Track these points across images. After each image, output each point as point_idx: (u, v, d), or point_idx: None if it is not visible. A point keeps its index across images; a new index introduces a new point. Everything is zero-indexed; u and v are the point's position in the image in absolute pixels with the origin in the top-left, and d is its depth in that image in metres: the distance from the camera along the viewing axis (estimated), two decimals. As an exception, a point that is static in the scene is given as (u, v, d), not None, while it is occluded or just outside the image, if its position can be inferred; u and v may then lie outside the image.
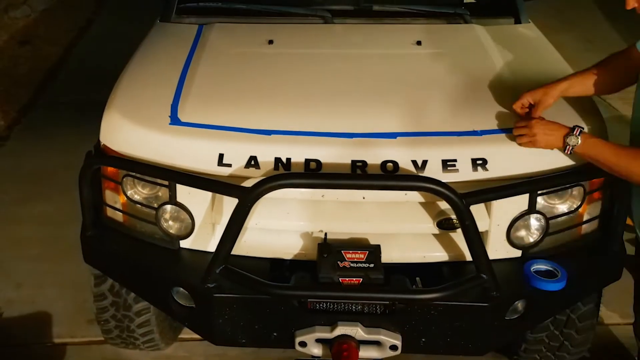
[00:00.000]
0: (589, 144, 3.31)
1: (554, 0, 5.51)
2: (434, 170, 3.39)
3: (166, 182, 3.49)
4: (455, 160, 3.42)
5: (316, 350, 3.43)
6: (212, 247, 3.49)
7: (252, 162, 3.44)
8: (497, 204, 3.42)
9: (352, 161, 3.42)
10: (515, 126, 3.48)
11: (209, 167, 3.46)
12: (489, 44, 4.52)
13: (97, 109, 3.89)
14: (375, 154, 3.41)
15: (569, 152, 3.34)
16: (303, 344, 3.41)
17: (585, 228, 3.67)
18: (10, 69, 9.03)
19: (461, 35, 4.76)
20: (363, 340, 3.35)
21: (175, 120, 3.67)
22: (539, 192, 3.43)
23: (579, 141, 3.30)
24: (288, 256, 3.58)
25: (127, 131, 3.68)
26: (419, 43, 4.49)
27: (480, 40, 4.58)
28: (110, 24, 10.53)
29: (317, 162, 3.41)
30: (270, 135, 3.52)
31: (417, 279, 3.43)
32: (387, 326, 3.38)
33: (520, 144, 3.44)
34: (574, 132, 3.31)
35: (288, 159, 3.42)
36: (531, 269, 3.40)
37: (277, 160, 3.43)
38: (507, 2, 5.05)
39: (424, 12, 4.95)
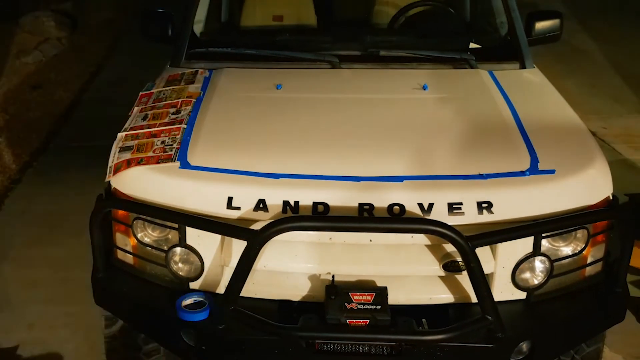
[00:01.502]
0: None
1: (559, 46, 5.53)
2: (440, 213, 3.40)
3: (176, 225, 3.52)
4: (461, 204, 3.44)
5: (324, 390, 3.43)
6: (221, 288, 3.52)
7: (261, 205, 3.46)
8: (502, 247, 3.44)
9: (360, 204, 3.44)
10: None
11: (218, 210, 3.48)
12: (494, 89, 4.54)
13: (107, 153, 3.92)
14: (382, 197, 3.44)
15: None
16: (311, 385, 3.42)
17: (590, 270, 3.69)
18: (22, 113, 9.08)
19: (467, 80, 4.78)
20: (371, 381, 3.36)
21: (184, 163, 3.70)
22: (543, 234, 3.44)
23: None
24: (296, 298, 3.60)
25: (137, 175, 3.71)
26: (425, 88, 4.51)
27: (486, 85, 4.61)
28: (120, 69, 10.59)
29: (325, 205, 3.43)
30: (278, 178, 3.55)
31: (424, 320, 3.44)
32: (394, 367, 3.38)
33: None
34: None
35: (296, 202, 3.45)
36: (182, 303, 3.47)
37: (285, 203, 3.45)
38: (512, 47, 5.09)
39: (430, 57, 4.98)
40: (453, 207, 3.43)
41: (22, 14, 12.09)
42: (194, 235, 3.50)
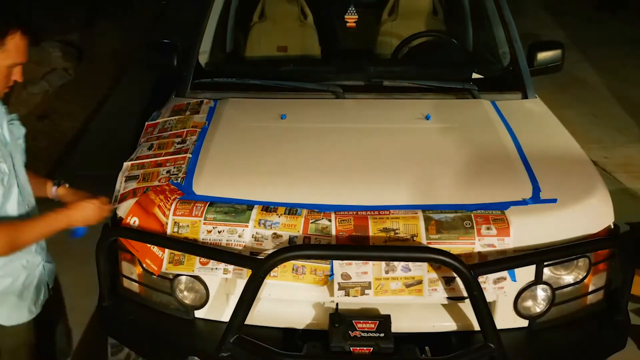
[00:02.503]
0: None
1: (560, 76, 5.55)
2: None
3: (181, 254, 3.53)
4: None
5: (328, 418, 3.44)
6: (226, 316, 3.52)
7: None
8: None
9: (362, 233, 3.46)
10: None
11: (223, 238, 3.51)
12: (496, 118, 4.57)
13: (113, 183, 3.95)
14: (385, 226, 3.45)
15: None
16: (315, 413, 3.43)
17: (591, 298, 3.70)
18: (28, 143, 8.99)
19: (469, 110, 4.80)
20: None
21: (189, 192, 3.73)
22: (545, 263, 3.46)
23: None
24: (300, 326, 3.61)
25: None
26: (428, 118, 4.54)
27: (488, 115, 4.63)
28: (126, 99, 10.60)
29: (328, 233, 3.46)
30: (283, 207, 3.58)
31: (427, 348, 3.45)
32: (398, 394, 3.40)
33: None
34: None
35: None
36: None
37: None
38: (514, 77, 5.11)
39: (433, 87, 5.00)
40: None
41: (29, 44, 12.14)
42: (199, 264, 3.52)
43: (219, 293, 3.61)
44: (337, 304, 3.51)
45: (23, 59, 3.23)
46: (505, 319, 3.56)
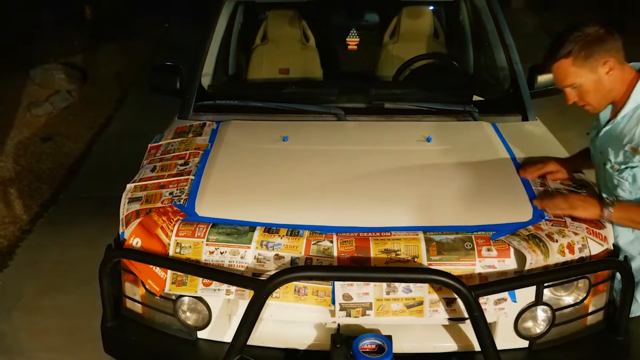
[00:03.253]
0: (622, 207, 3.57)
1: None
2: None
3: (184, 275, 3.54)
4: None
5: None
6: (228, 337, 3.53)
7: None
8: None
9: (364, 254, 3.46)
10: (546, 200, 3.76)
11: (226, 259, 3.52)
12: (496, 141, 4.58)
13: (116, 204, 3.96)
14: (386, 248, 3.46)
15: (607, 217, 3.58)
16: None
17: (591, 319, 3.70)
18: (32, 165, 9.13)
19: (470, 132, 4.82)
20: None
21: (192, 214, 3.74)
22: (545, 284, 3.46)
23: (614, 208, 3.54)
24: (302, 346, 3.62)
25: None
26: (429, 140, 4.55)
27: (489, 137, 4.65)
28: (129, 121, 10.62)
29: (330, 255, 3.47)
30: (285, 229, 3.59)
31: (428, 368, 3.46)
32: (399, 414, 3.39)
33: (557, 212, 3.66)
34: (608, 201, 3.59)
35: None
36: (358, 346, 3.39)
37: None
38: (514, 100, 5.12)
39: (434, 109, 5.02)
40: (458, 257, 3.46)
41: (32, 67, 12.19)
42: (201, 285, 3.53)
43: (221, 314, 3.62)
44: (338, 325, 3.52)
45: None
46: (506, 339, 3.56)
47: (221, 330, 3.65)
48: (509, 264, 3.44)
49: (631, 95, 3.59)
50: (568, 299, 3.61)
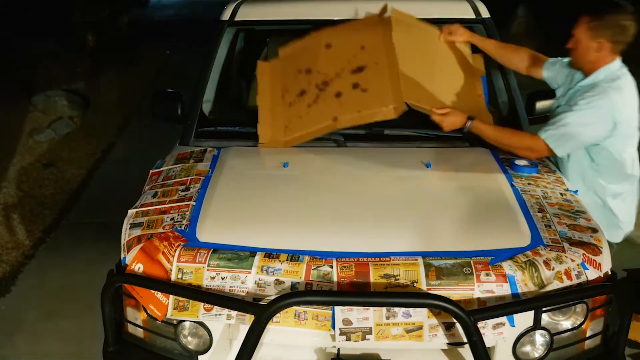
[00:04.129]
0: (479, 124, 4.60)
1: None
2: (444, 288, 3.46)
3: (185, 300, 3.55)
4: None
5: None
6: (229, 362, 3.53)
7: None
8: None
9: (364, 279, 3.48)
10: (435, 109, 4.62)
11: (225, 284, 3.54)
12: (495, 167, 4.59)
13: (118, 230, 3.97)
14: (386, 273, 3.48)
15: (466, 129, 4.59)
16: None
17: (589, 343, 3.70)
18: (35, 190, 9.14)
19: (469, 158, 4.84)
20: None
21: (193, 240, 3.76)
22: (543, 309, 3.47)
23: (473, 123, 4.57)
24: (302, 371, 3.63)
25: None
26: (428, 166, 4.56)
27: (488, 163, 4.66)
28: (131, 147, 10.63)
29: (330, 280, 3.48)
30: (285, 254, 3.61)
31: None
32: None
33: (433, 119, 4.61)
34: (470, 118, 4.57)
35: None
36: None
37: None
38: (513, 126, 5.11)
39: (433, 136, 5.03)
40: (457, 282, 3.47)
41: (35, 94, 12.23)
42: (203, 310, 3.54)
43: (222, 338, 3.63)
44: (338, 349, 3.53)
45: None
46: (505, 364, 3.57)
47: (222, 354, 3.66)
48: (508, 288, 3.45)
49: (593, 73, 4.39)
50: (566, 323, 3.62)
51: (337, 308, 3.42)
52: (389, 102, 4.77)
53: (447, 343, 3.51)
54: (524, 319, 3.47)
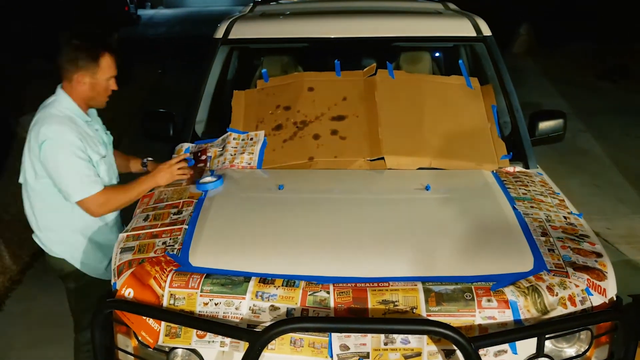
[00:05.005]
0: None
1: (562, 146, 5.62)
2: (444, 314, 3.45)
3: (178, 326, 3.54)
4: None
5: None
6: (223, 390, 3.52)
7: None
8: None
9: (362, 304, 3.47)
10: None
11: (219, 310, 3.53)
12: (497, 189, 4.59)
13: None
14: (385, 298, 3.47)
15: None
16: None
17: (593, 371, 3.70)
18: (22, 215, 9.05)
19: (470, 180, 4.82)
20: None
21: (186, 264, 3.75)
22: (547, 336, 3.46)
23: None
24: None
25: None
26: (427, 188, 4.56)
27: (489, 185, 4.66)
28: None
29: (327, 305, 3.47)
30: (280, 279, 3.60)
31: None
32: None
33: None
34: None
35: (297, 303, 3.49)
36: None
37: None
38: (515, 147, 5.13)
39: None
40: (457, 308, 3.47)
41: (24, 114, 12.23)
42: (195, 336, 3.53)
43: (215, 366, 3.62)
44: (335, 377, 3.52)
45: (114, 72, 4.55)
46: (507, 392, 3.56)
47: (216, 383, 3.64)
48: (510, 315, 3.45)
49: None
50: (570, 350, 3.62)
51: (334, 335, 3.41)
52: (365, 154, 4.93)
53: (448, 371, 3.51)
54: (527, 346, 3.46)
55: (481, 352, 3.30)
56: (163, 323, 3.56)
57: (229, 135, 5.20)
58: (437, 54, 7.28)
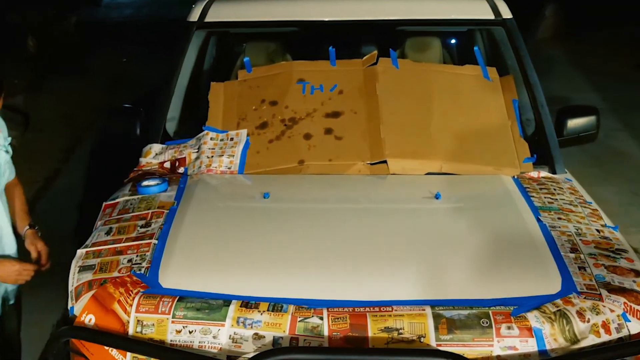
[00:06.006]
0: None
1: (594, 147, 5.62)
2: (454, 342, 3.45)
3: (146, 358, 3.54)
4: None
5: None
6: None
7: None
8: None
9: (360, 332, 3.47)
10: None
11: (194, 339, 3.53)
12: (518, 197, 4.59)
13: (65, 274, 3.96)
14: (385, 324, 3.47)
15: None
16: None
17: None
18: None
19: (486, 187, 4.84)
20: None
21: (155, 285, 3.74)
22: None
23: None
24: None
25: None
26: (437, 197, 4.56)
27: (509, 193, 4.67)
28: (80, 175, 10.50)
29: (320, 333, 3.47)
30: (265, 303, 3.59)
31: None
32: None
33: None
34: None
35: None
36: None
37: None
38: (539, 149, 5.11)
39: None
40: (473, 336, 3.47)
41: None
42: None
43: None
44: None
45: None
46: None
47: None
48: (534, 344, 3.45)
49: None
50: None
51: (328, 367, 3.41)
52: (365, 157, 4.90)
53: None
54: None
55: (500, 387, 3.31)
56: (128, 354, 3.55)
57: (206, 134, 5.19)
58: (449, 40, 7.27)
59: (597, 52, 17.57)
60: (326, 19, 5.66)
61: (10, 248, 4.58)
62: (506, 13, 5.73)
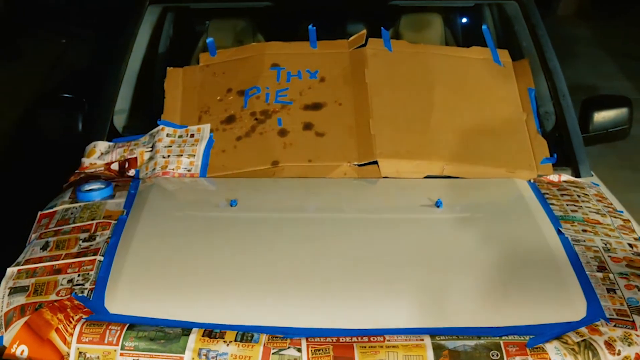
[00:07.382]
0: None
1: (627, 145, 5.58)
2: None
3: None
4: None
5: None
6: None
7: (207, 367, 3.51)
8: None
9: (348, 367, 3.48)
10: None
11: (148, 375, 3.52)
12: (535, 205, 4.61)
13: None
14: (376, 357, 3.48)
15: None
16: None
17: None
18: None
19: (497, 192, 4.85)
20: None
21: (100, 311, 3.74)
22: None
23: None
24: None
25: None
26: (438, 204, 4.57)
27: (524, 200, 4.68)
28: (9, 180, 10.61)
29: (297, 368, 3.48)
30: (232, 331, 3.60)
31: None
32: None
33: None
34: None
35: (256, 364, 3.50)
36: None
37: (242, 365, 3.50)
38: (560, 147, 5.13)
39: None
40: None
41: None
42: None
43: None
44: None
45: None
46: None
47: None
48: (558, 378, 3.47)
49: None
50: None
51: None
52: (352, 157, 4.89)
53: None
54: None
55: None
56: None
57: (161, 130, 5.19)
58: (452, 17, 7.29)
59: (629, 32, 17.62)
60: None
61: None
62: (521, -17, 5.75)
